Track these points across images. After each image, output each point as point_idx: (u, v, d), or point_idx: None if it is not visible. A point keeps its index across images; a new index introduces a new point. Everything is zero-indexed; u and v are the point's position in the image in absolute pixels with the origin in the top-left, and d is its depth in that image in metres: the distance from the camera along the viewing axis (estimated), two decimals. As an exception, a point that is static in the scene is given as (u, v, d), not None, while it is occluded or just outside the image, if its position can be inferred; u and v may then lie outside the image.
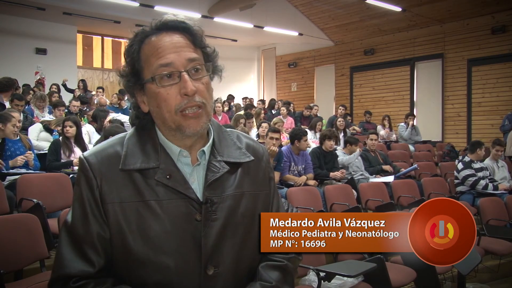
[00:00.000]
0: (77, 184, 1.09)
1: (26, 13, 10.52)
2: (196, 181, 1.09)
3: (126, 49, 1.09)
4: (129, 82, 1.09)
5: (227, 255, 1.07)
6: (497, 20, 9.94)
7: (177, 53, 1.05)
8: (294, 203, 4.21)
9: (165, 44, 1.05)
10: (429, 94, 11.32)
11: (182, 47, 1.06)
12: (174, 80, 1.04)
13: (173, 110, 1.04)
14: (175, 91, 1.04)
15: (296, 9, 12.35)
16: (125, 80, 1.10)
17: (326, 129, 6.32)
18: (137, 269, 1.03)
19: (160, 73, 1.04)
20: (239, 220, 1.09)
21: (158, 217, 1.03)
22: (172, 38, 1.06)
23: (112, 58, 13.49)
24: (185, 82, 1.03)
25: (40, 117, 6.36)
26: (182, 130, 1.05)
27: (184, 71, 1.04)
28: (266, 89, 15.75)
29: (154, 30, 1.07)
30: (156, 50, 1.05)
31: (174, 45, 1.05)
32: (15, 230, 2.68)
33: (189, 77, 1.04)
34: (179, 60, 1.04)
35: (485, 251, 3.99)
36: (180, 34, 1.07)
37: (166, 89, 1.04)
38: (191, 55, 1.06)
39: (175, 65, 1.04)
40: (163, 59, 1.04)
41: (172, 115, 1.04)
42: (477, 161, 5.81)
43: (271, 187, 1.21)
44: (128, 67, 1.09)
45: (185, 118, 1.04)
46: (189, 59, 1.05)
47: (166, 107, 1.04)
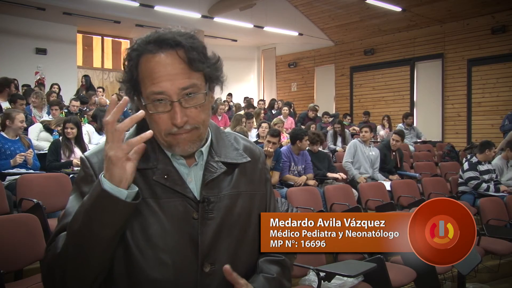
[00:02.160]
0: (77, 181, 1.11)
1: (26, 13, 10.52)
2: (194, 180, 1.11)
3: (126, 58, 1.09)
4: (128, 90, 1.10)
5: (223, 253, 1.09)
6: (497, 20, 9.94)
7: (170, 81, 1.03)
8: (294, 203, 4.21)
9: (158, 69, 1.03)
10: (429, 94, 11.32)
11: (176, 73, 1.03)
12: (165, 108, 1.04)
13: (163, 133, 1.06)
14: (166, 118, 1.04)
15: (296, 9, 12.35)
16: (126, 86, 1.11)
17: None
18: (135, 266, 1.05)
19: (153, 99, 1.04)
20: (235, 219, 1.11)
21: (156, 215, 1.05)
22: (166, 61, 1.03)
23: (112, 58, 13.49)
24: (175, 113, 1.03)
25: (38, 117, 6.35)
26: (172, 149, 1.07)
27: (176, 101, 1.03)
28: (266, 89, 15.75)
29: (150, 46, 1.05)
30: (150, 74, 1.04)
31: (168, 71, 1.03)
32: (15, 230, 2.68)
33: (180, 107, 1.03)
34: (172, 89, 1.03)
35: (485, 251, 3.99)
36: (174, 55, 1.04)
37: (159, 115, 1.04)
38: (184, 83, 1.03)
39: (167, 93, 1.03)
40: (155, 87, 1.03)
41: (163, 137, 1.06)
42: (485, 162, 5.77)
43: (267, 188, 1.23)
44: (126, 75, 1.09)
45: (175, 139, 1.06)
46: (182, 88, 1.04)
47: (157, 128, 1.05)
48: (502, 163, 6.01)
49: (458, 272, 3.27)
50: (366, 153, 5.98)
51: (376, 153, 6.06)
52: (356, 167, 5.92)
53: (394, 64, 11.92)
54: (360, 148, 5.97)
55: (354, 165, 5.92)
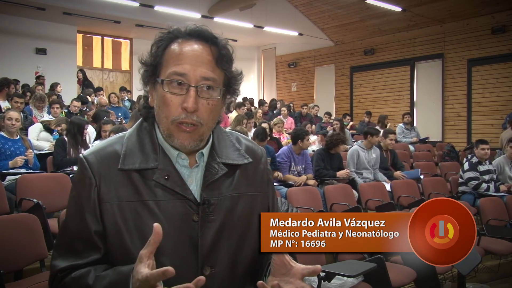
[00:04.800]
0: (75, 183, 1.10)
1: (26, 13, 10.52)
2: (194, 182, 1.10)
3: (155, 40, 1.10)
4: (147, 71, 1.10)
5: (223, 255, 1.08)
6: (497, 20, 9.94)
7: (194, 66, 1.05)
8: (294, 203, 4.21)
9: (187, 53, 1.06)
10: (429, 94, 11.32)
11: (202, 62, 1.06)
12: (181, 91, 1.05)
13: (170, 118, 1.05)
14: (178, 101, 1.05)
15: (296, 9, 12.35)
16: (144, 68, 1.11)
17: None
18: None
19: (171, 79, 1.05)
20: (235, 221, 1.10)
21: (155, 217, 1.04)
22: (197, 49, 1.06)
23: (112, 58, 13.48)
24: (189, 97, 1.04)
25: (38, 117, 6.35)
26: (172, 140, 1.07)
27: (194, 86, 1.04)
28: (266, 89, 15.75)
29: (186, 34, 1.08)
30: (178, 55, 1.06)
31: (196, 57, 1.06)
32: (15, 230, 2.68)
33: (196, 94, 1.04)
34: (193, 74, 1.05)
35: (485, 251, 3.99)
36: (207, 48, 1.08)
37: (172, 96, 1.05)
38: (207, 73, 1.06)
39: (187, 77, 1.04)
40: (179, 67, 1.05)
41: (168, 123, 1.06)
42: (485, 162, 5.74)
43: (269, 189, 1.22)
44: (150, 57, 1.10)
45: (178, 130, 1.05)
46: (203, 77, 1.05)
47: (165, 112, 1.05)
48: (504, 161, 5.98)
49: (458, 272, 3.26)
50: (367, 157, 5.89)
51: (377, 154, 6.02)
52: (359, 173, 5.86)
53: (394, 64, 11.92)
54: (361, 155, 5.86)
55: (357, 171, 5.87)
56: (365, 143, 5.90)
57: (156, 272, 0.89)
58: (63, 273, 1.04)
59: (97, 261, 1.05)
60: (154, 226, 0.91)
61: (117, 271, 0.98)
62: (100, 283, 0.98)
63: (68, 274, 1.03)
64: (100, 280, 0.99)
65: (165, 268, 0.88)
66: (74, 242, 1.05)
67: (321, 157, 5.59)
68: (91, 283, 0.99)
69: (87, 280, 1.00)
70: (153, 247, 0.92)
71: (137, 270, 0.91)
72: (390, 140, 6.35)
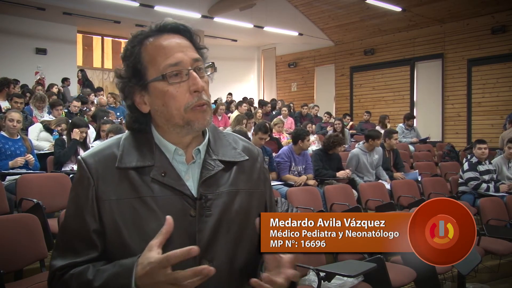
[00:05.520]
0: (74, 184, 1.13)
1: (26, 13, 10.53)
2: (191, 178, 1.12)
3: (126, 49, 1.11)
4: (129, 83, 1.11)
5: (221, 250, 1.09)
6: (497, 20, 9.94)
7: (183, 52, 1.08)
8: (294, 203, 4.21)
9: (171, 44, 1.09)
10: (429, 94, 11.33)
11: (186, 47, 1.10)
12: (182, 78, 1.07)
13: (183, 108, 1.07)
14: (184, 89, 1.07)
15: (296, 9, 12.36)
16: (125, 81, 1.11)
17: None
18: None
19: (169, 73, 1.07)
20: (233, 216, 1.12)
21: (153, 213, 1.05)
22: (176, 39, 1.10)
23: (112, 58, 13.49)
24: (195, 79, 1.07)
25: (38, 118, 6.35)
26: (192, 125, 1.08)
27: (191, 68, 1.08)
28: (266, 89, 15.75)
29: (154, 31, 1.11)
30: (162, 50, 1.08)
31: (179, 45, 1.09)
32: (15, 230, 2.68)
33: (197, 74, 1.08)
34: (186, 59, 1.08)
35: (485, 251, 3.99)
36: (181, 36, 1.11)
37: (175, 87, 1.07)
38: (195, 55, 1.10)
39: (183, 63, 1.07)
40: (171, 59, 1.07)
41: (181, 113, 1.07)
42: (485, 162, 5.74)
43: (266, 188, 1.23)
44: (128, 68, 1.11)
45: (195, 113, 1.08)
46: (194, 59, 1.09)
47: (175, 104, 1.07)
48: (502, 162, 5.99)
49: (458, 272, 3.26)
50: (369, 160, 5.86)
51: (379, 154, 6.00)
52: (360, 176, 5.85)
53: (394, 64, 11.93)
54: (361, 158, 5.82)
55: (358, 174, 5.86)
56: (366, 145, 5.89)
57: (180, 251, 0.92)
58: (62, 271, 1.06)
59: (95, 259, 1.06)
60: (167, 218, 0.97)
61: (118, 264, 1.00)
62: (101, 276, 1.00)
63: (67, 272, 1.05)
64: (100, 273, 1.01)
65: (190, 247, 0.93)
66: (73, 241, 1.07)
67: (319, 157, 5.59)
68: (91, 278, 1.01)
69: (87, 276, 1.01)
70: (164, 237, 0.96)
71: (146, 257, 0.95)
72: (395, 140, 6.34)
